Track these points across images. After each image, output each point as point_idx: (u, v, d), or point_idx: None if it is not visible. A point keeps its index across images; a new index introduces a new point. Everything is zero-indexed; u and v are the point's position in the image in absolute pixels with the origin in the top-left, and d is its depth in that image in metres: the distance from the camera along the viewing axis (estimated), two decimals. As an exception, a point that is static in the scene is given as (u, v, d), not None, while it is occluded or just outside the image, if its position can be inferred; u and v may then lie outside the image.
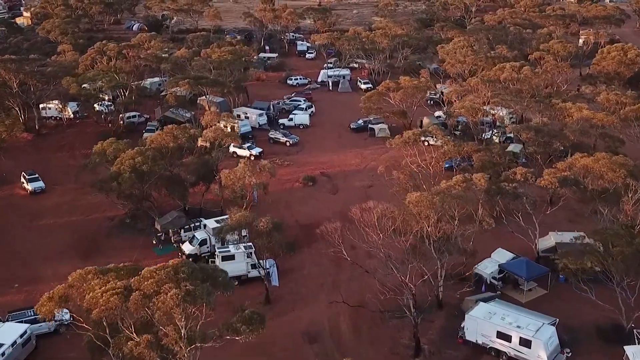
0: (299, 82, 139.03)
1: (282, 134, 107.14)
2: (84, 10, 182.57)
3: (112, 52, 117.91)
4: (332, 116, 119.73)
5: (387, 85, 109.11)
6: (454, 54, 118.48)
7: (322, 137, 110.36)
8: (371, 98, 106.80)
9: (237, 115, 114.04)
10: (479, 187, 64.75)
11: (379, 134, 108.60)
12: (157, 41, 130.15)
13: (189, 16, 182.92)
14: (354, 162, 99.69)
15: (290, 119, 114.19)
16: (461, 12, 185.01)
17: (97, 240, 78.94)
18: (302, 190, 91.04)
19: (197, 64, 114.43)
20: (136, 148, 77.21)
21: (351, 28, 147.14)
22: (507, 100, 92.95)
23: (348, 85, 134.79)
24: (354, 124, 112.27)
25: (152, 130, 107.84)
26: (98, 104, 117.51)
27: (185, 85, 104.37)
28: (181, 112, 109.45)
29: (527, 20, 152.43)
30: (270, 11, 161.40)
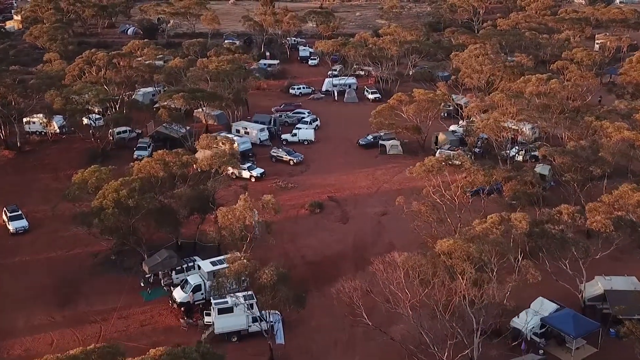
0: (302, 91, 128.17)
1: (285, 152, 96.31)
2: (77, 14, 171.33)
3: (101, 61, 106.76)
4: (338, 130, 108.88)
5: (399, 98, 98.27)
6: (470, 63, 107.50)
7: (329, 154, 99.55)
8: (382, 112, 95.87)
9: (236, 131, 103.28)
10: (520, 230, 53.96)
11: (391, 151, 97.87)
12: (151, 48, 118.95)
13: (186, 19, 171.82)
14: (364, 184, 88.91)
15: (294, 135, 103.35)
16: (469, 15, 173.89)
17: (78, 282, 68.29)
18: (309, 218, 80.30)
19: (192, 75, 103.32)
20: (121, 179, 66.17)
21: (357, 34, 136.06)
22: (534, 117, 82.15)
23: (354, 95, 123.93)
24: (362, 140, 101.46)
25: (143, 148, 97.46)
26: (86, 117, 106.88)
27: (179, 100, 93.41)
28: (175, 127, 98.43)
29: (542, 24, 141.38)
30: (271, 15, 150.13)
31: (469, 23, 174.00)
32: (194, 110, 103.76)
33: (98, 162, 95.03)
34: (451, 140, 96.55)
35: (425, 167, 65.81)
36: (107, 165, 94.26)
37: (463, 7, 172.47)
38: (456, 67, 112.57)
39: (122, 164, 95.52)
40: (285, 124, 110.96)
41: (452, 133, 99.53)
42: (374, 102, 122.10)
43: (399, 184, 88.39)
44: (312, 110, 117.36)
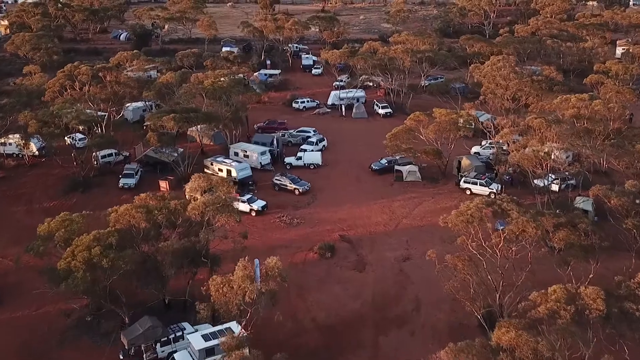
0: (306, 105, 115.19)
1: (289, 180, 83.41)
2: (66, 19, 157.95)
3: (84, 76, 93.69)
4: (347, 151, 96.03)
5: (416, 118, 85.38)
6: (492, 76, 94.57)
7: (338, 181, 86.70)
8: (398, 135, 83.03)
9: (234, 154, 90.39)
10: (595, 312, 41.19)
11: (408, 178, 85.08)
12: (141, 60, 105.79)
13: (182, 24, 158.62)
14: (381, 220, 76.05)
15: (299, 158, 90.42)
16: (479, 19, 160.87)
17: (46, 351, 55.43)
18: (319, 265, 67.42)
19: (185, 93, 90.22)
20: (94, 233, 53.18)
21: (366, 43, 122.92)
22: (578, 145, 69.43)
23: (363, 110, 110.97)
24: (376, 165, 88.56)
25: (130, 176, 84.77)
26: (69, 137, 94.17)
27: (170, 122, 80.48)
28: (166, 150, 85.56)
29: (563, 31, 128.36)
30: (272, 21, 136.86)
31: (479, 27, 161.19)
32: (187, 128, 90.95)
33: (79, 191, 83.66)
34: (476, 166, 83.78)
35: (463, 217, 52.82)
36: (90, 195, 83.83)
37: (474, 11, 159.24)
38: (477, 81, 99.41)
39: (106, 194, 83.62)
40: (289, 144, 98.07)
41: (477, 157, 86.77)
42: (384, 117, 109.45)
43: (421, 219, 75.68)
44: (318, 127, 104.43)
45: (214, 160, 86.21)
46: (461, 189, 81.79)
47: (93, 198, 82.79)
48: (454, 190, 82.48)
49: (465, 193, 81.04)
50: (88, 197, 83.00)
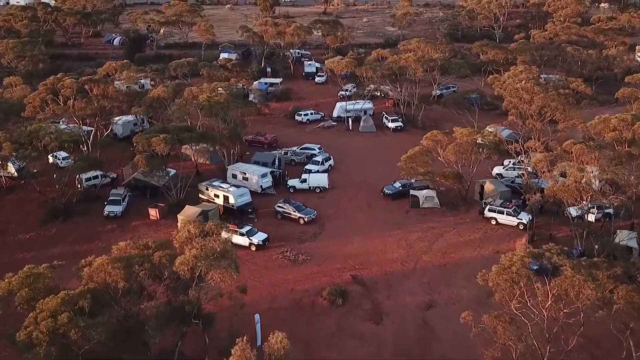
0: (310, 117, 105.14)
1: (294, 207, 73.44)
2: (57, 22, 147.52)
3: (68, 89, 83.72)
4: (356, 171, 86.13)
5: (434, 138, 75.54)
6: (514, 88, 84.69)
7: (347, 207, 76.84)
8: (415, 158, 73.19)
9: (232, 176, 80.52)
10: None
11: (425, 204, 75.25)
12: (132, 70, 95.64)
13: (178, 27, 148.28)
14: (397, 256, 66.25)
15: (304, 180, 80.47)
16: (489, 22, 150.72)
17: None
18: (328, 314, 57.66)
19: (178, 110, 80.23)
20: (62, 293, 43.27)
21: (374, 51, 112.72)
22: (623, 174, 59.59)
23: (372, 124, 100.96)
24: (388, 189, 78.61)
25: (116, 202, 75.04)
26: (52, 155, 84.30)
27: (160, 145, 70.51)
28: (157, 174, 75.59)
29: (583, 37, 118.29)
30: (272, 26, 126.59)
31: (488, 31, 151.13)
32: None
33: (59, 220, 73.69)
34: (501, 192, 73.90)
35: (507, 276, 42.93)
36: (71, 224, 73.91)
37: (483, 14, 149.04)
38: (498, 95, 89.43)
39: (90, 223, 73.92)
40: (292, 162, 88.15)
41: (501, 182, 76.89)
42: (395, 131, 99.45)
43: (442, 256, 65.91)
44: (323, 142, 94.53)
45: (209, 184, 76.36)
46: (485, 219, 71.93)
47: (75, 228, 73.25)
48: (477, 219, 72.68)
49: (490, 223, 71.32)
50: (69, 227, 73.47)
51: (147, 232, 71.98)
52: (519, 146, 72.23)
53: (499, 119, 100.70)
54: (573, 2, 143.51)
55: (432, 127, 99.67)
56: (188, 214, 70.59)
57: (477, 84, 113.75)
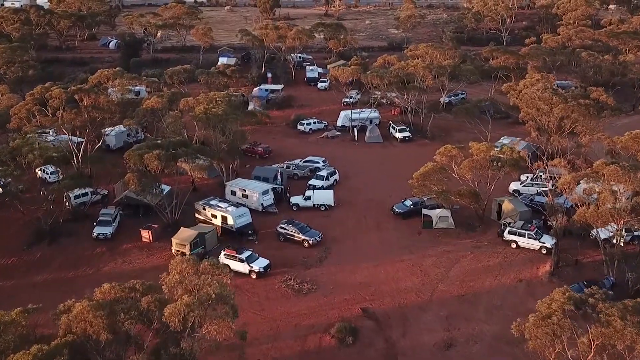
0: (313, 126, 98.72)
1: (297, 229, 67.09)
2: (50, 25, 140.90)
3: (56, 100, 77.41)
4: (363, 186, 79.87)
5: (448, 153, 69.23)
6: (531, 98, 78.44)
7: (355, 228, 70.56)
8: (428, 175, 66.92)
9: (231, 193, 74.27)
10: None
11: (439, 225, 68.98)
12: (126, 78, 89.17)
13: (176, 30, 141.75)
14: (411, 285, 60.04)
15: (307, 198, 74.14)
16: (496, 25, 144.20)
17: None
18: (337, 355, 51.48)
19: (172, 123, 73.90)
20: (35, 348, 36.96)
21: (380, 57, 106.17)
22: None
23: (378, 134, 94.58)
24: (399, 207, 72.28)
25: (106, 223, 68.97)
26: (40, 169, 78.34)
27: (153, 162, 64.21)
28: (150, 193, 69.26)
29: (598, 41, 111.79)
30: (273, 30, 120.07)
31: (494, 34, 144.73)
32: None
33: (44, 243, 67.41)
34: (521, 212, 67.64)
35: (548, 328, 36.63)
36: (58, 248, 67.59)
37: (490, 17, 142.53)
38: (514, 104, 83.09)
39: (78, 246, 67.78)
40: (295, 177, 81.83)
41: (520, 199, 70.62)
42: (403, 142, 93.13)
43: (460, 285, 59.69)
44: (327, 154, 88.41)
45: (206, 203, 70.08)
46: (505, 241, 65.63)
47: (61, 252, 67.22)
48: (495, 241, 66.45)
49: (509, 246, 65.06)
50: (55, 250, 67.43)
51: (138, 257, 65.96)
52: (542, 165, 65.88)
53: (512, 128, 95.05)
54: (583, 4, 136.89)
55: (442, 137, 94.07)
56: (183, 237, 64.55)
57: (487, 90, 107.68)
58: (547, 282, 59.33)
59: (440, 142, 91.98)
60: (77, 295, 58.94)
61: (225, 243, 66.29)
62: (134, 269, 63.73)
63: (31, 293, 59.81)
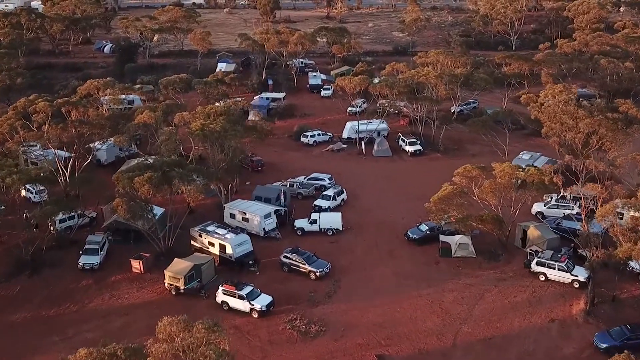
0: (317, 138, 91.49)
1: (303, 258, 59.92)
2: (43, 29, 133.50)
3: (40, 115, 70.23)
4: (373, 207, 72.72)
5: (468, 174, 62.07)
6: (554, 111, 71.36)
7: (365, 256, 63.38)
8: (447, 199, 59.78)
9: (229, 215, 67.11)
10: None
11: (458, 253, 61.86)
12: (117, 89, 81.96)
13: (173, 34, 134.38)
14: (431, 326, 52.89)
15: (313, 222, 66.91)
16: (504, 28, 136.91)
17: None
18: (352, 414, 44.20)
19: (167, 142, 66.63)
20: None
21: (389, 65, 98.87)
22: None
23: (387, 147, 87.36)
24: (413, 233, 65.09)
25: (93, 251, 62.04)
26: (24, 188, 71.18)
27: (144, 187, 57.02)
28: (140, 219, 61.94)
29: (617, 47, 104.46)
30: (274, 35, 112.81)
31: (502, 37, 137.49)
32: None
33: (25, 274, 60.30)
34: (549, 239, 60.51)
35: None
36: (39, 279, 60.10)
37: (499, 20, 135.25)
38: (534, 117, 75.92)
39: (61, 278, 60.76)
40: (298, 196, 74.67)
41: (547, 225, 63.40)
42: (413, 156, 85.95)
43: (487, 326, 52.57)
44: (332, 169, 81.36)
45: (203, 230, 62.85)
46: (532, 273, 58.50)
47: (43, 285, 60.12)
48: (521, 273, 59.33)
49: (537, 278, 57.92)
50: (36, 283, 60.38)
51: (128, 291, 58.84)
52: (575, 190, 58.80)
53: (529, 140, 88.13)
54: (595, 7, 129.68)
55: (455, 151, 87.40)
56: (177, 270, 57.48)
57: (499, 98, 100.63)
58: (582, 322, 52.38)
59: (453, 156, 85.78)
60: (58, 336, 53.21)
61: (224, 274, 59.33)
62: (122, 305, 56.72)
63: (7, 335, 52.85)
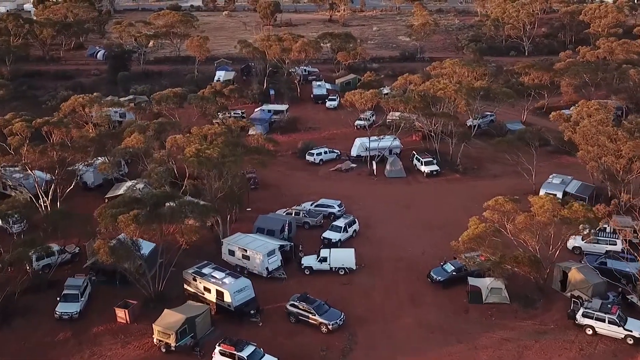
0: (324, 156, 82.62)
1: (313, 308, 51.02)
2: (33, 35, 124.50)
3: (16, 139, 61.29)
4: (388, 239, 63.83)
5: (499, 208, 53.26)
6: (590, 133, 62.56)
7: (384, 302, 54.49)
8: (479, 239, 50.96)
9: (228, 252, 58.20)
10: None
11: (490, 299, 53.01)
12: (106, 103, 73.01)
13: (169, 39, 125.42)
14: (464, 395, 44.03)
15: (323, 259, 57.99)
16: (516, 33, 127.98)
17: None
18: None
19: (153, 172, 57.70)
20: None
21: (401, 76, 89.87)
22: None
23: (400, 167, 78.44)
24: (437, 273, 56.22)
25: (73, 297, 53.28)
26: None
27: (129, 226, 48.16)
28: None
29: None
30: (276, 42, 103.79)
31: (514, 42, 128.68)
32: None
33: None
34: (594, 284, 51.68)
35: None
36: (9, 332, 50.88)
37: (511, 24, 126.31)
38: (568, 138, 67.07)
39: (35, 330, 51.81)
40: (305, 226, 65.76)
41: (590, 268, 54.48)
42: (430, 177, 77.11)
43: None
44: (341, 192, 72.58)
45: (197, 273, 53.88)
46: (577, 325, 49.67)
47: (13, 338, 51.42)
48: (564, 324, 50.53)
49: (584, 332, 49.13)
50: (6, 336, 51.72)
51: (111, 346, 50.04)
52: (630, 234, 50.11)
53: (555, 159, 79.58)
54: (613, 10, 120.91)
55: (475, 171, 78.79)
56: (167, 324, 48.68)
57: (518, 110, 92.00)
58: None
59: (474, 177, 77.29)
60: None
61: (221, 324, 50.77)
62: (104, 365, 47.91)
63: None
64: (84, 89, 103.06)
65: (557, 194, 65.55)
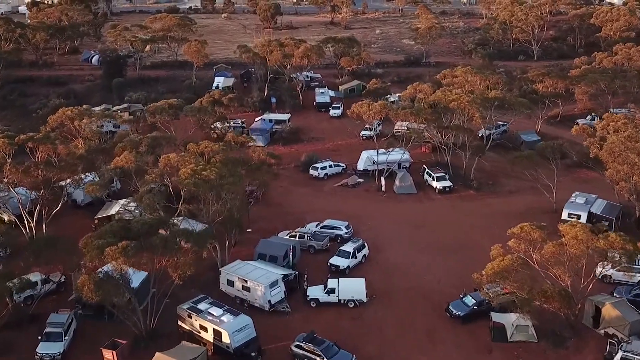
0: (328, 171, 76.99)
1: (321, 350, 45.44)
2: (25, 39, 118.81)
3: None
4: (400, 265, 58.27)
5: (526, 236, 47.71)
6: (621, 151, 57.01)
7: (398, 340, 48.92)
8: (504, 272, 45.44)
9: (227, 282, 52.63)
10: None
11: (515, 337, 47.42)
12: (96, 117, 67.35)
13: (166, 44, 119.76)
14: None
15: (331, 291, 52.39)
16: (525, 37, 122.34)
17: None
18: None
19: (146, 197, 52.11)
20: None
21: (410, 86, 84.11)
22: None
23: (411, 183, 72.85)
24: (457, 308, 50.68)
25: (56, 337, 47.59)
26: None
27: (117, 259, 42.63)
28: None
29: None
30: (277, 48, 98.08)
31: (522, 46, 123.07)
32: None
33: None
34: (632, 322, 46.21)
35: None
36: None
37: (520, 27, 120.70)
38: (594, 155, 61.49)
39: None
40: (310, 250, 60.16)
41: (627, 303, 48.94)
42: (442, 193, 71.50)
43: None
44: (347, 211, 67.03)
45: (193, 309, 48.26)
46: (615, 369, 44.27)
47: (-12, 384, 45.40)
48: (599, 367, 45.07)
49: None
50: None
51: (98, 394, 44.32)
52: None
53: (574, 173, 74.15)
54: (626, 13, 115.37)
55: (490, 187, 73.15)
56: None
57: (532, 119, 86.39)
58: None
59: (489, 193, 71.72)
60: None
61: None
62: (88, 418, 42.38)
63: None
64: (77, 96, 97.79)
65: (582, 214, 60.42)
